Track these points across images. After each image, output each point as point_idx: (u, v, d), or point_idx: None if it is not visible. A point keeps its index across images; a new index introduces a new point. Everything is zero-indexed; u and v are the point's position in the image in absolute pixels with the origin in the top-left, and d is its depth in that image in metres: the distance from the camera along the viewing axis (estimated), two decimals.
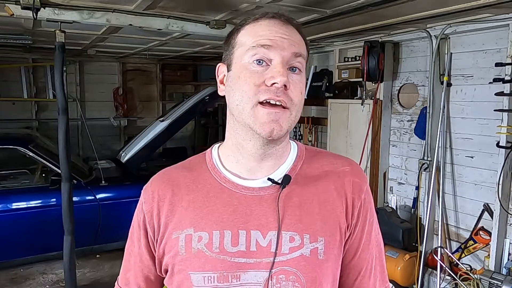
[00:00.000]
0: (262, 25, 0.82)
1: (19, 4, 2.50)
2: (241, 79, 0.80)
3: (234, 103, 0.81)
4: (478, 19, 2.89)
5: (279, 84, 0.77)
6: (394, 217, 3.56)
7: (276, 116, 0.78)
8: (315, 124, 4.68)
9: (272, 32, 0.80)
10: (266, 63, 0.79)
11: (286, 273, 0.81)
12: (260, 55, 0.79)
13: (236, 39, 0.84)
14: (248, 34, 0.82)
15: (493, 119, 2.94)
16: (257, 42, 0.79)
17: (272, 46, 0.78)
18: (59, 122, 2.95)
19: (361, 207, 0.87)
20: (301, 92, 0.81)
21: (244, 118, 0.80)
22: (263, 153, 0.84)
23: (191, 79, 7.16)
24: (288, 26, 0.83)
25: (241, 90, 0.79)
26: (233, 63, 0.83)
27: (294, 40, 0.81)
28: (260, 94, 0.78)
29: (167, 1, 2.69)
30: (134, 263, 0.93)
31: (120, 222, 3.87)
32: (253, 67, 0.79)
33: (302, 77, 0.82)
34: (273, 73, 0.77)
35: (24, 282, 3.79)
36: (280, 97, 0.77)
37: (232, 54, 0.84)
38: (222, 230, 0.82)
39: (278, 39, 0.79)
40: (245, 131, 0.83)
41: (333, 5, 2.69)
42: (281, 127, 0.79)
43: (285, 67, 0.79)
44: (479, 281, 2.81)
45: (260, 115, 0.78)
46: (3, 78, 5.73)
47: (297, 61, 0.80)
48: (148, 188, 0.91)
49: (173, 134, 5.28)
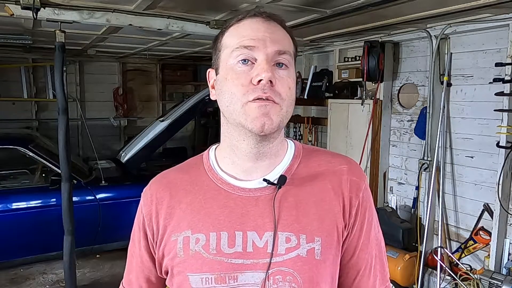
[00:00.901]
0: (245, 25, 0.82)
1: (19, 4, 2.50)
2: (228, 81, 0.80)
3: (224, 105, 0.82)
4: (478, 19, 2.89)
5: (264, 80, 0.77)
6: (394, 217, 3.56)
7: (266, 109, 0.78)
8: (315, 124, 4.67)
9: (254, 31, 0.80)
10: (251, 62, 0.79)
11: (282, 274, 0.81)
12: (245, 55, 0.79)
13: (221, 42, 0.85)
14: (232, 35, 0.83)
15: (493, 119, 2.94)
16: (240, 43, 0.80)
17: (255, 46, 0.79)
18: (59, 122, 2.96)
19: (359, 206, 0.87)
20: (290, 87, 0.81)
21: (235, 117, 0.80)
22: (257, 152, 0.84)
23: (191, 79, 7.16)
24: (271, 23, 0.83)
25: (229, 92, 0.80)
26: (220, 66, 0.84)
27: (277, 37, 0.81)
28: (249, 94, 0.78)
29: (167, 1, 2.70)
30: (135, 264, 0.94)
31: (120, 222, 3.88)
32: (238, 67, 0.80)
33: (290, 72, 0.82)
34: (257, 70, 0.78)
35: (24, 282, 3.79)
36: (267, 93, 0.78)
37: (219, 58, 0.84)
38: (219, 232, 0.83)
39: (260, 37, 0.80)
40: (237, 132, 0.83)
41: (333, 5, 2.69)
42: (272, 120, 0.79)
43: (270, 64, 0.79)
44: (479, 281, 2.81)
45: (251, 110, 0.78)
46: (3, 78, 5.74)
47: (282, 57, 0.81)
48: (147, 191, 0.92)
49: (173, 134, 5.28)
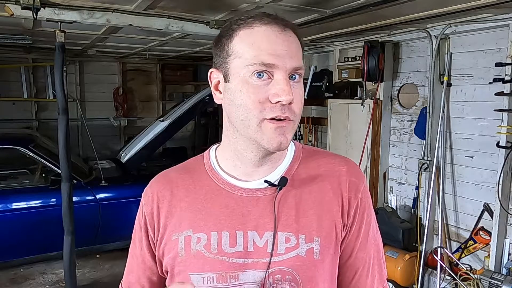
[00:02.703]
0: (260, 33, 0.77)
1: (19, 4, 2.50)
2: (243, 94, 0.77)
3: (238, 118, 0.79)
4: (478, 19, 2.89)
5: (285, 102, 0.76)
6: (394, 217, 3.56)
7: (282, 130, 0.78)
8: (315, 124, 4.67)
9: (272, 44, 0.76)
10: (267, 76, 0.76)
11: (282, 273, 0.82)
12: (262, 70, 0.76)
13: (230, 47, 0.79)
14: (245, 44, 0.78)
15: (493, 119, 2.94)
16: (258, 59, 0.76)
17: (274, 64, 0.76)
18: (59, 122, 2.96)
19: (358, 206, 0.87)
20: (301, 100, 0.81)
21: (250, 133, 0.79)
22: (262, 161, 0.85)
23: (191, 79, 7.16)
24: (287, 32, 0.79)
25: (245, 106, 0.77)
26: (230, 73, 0.80)
27: (294, 51, 0.78)
28: (266, 112, 0.76)
29: (167, 1, 2.70)
30: (136, 264, 0.94)
31: (120, 222, 3.89)
32: (254, 81, 0.76)
33: (301, 83, 0.82)
34: (277, 90, 0.76)
35: (24, 282, 3.79)
36: (285, 113, 0.77)
37: (228, 63, 0.80)
38: (220, 231, 0.83)
39: (279, 53, 0.76)
40: (247, 143, 0.82)
41: (333, 5, 2.69)
42: (287, 139, 0.80)
43: (289, 82, 0.77)
44: (479, 281, 2.81)
45: (268, 130, 0.78)
46: (3, 78, 5.74)
47: (297, 72, 0.79)
48: (148, 191, 0.93)
49: (173, 134, 5.28)
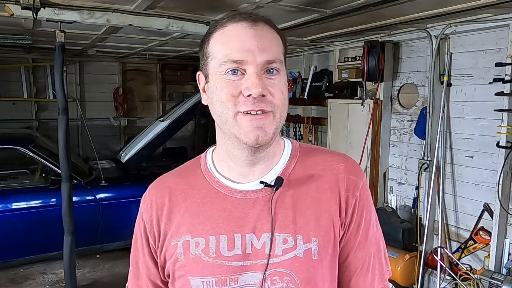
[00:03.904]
0: (231, 32, 0.80)
1: (19, 4, 2.50)
2: (218, 90, 0.80)
3: (216, 114, 0.82)
4: (478, 19, 2.89)
5: (255, 95, 0.77)
6: (394, 217, 3.56)
7: (259, 123, 0.78)
8: (315, 124, 4.67)
9: (242, 41, 0.78)
10: (241, 72, 0.78)
11: (280, 275, 0.81)
12: (234, 68, 0.78)
13: (208, 49, 0.83)
14: (218, 44, 0.80)
15: (493, 119, 2.94)
16: (228, 56, 0.78)
17: (244, 60, 0.77)
18: (59, 122, 2.96)
19: (356, 204, 0.86)
20: (282, 92, 0.81)
21: (228, 128, 0.81)
22: (253, 159, 0.85)
23: (191, 79, 7.15)
24: (257, 26, 0.80)
25: (220, 101, 0.80)
26: (209, 74, 0.83)
27: (266, 45, 0.79)
28: (239, 105, 0.78)
29: (167, 1, 2.70)
30: (142, 270, 0.94)
31: (120, 222, 3.89)
32: (228, 77, 0.79)
33: (281, 76, 0.81)
34: (247, 84, 0.77)
35: (24, 282, 3.79)
36: (258, 106, 0.77)
37: (207, 65, 0.83)
38: (218, 235, 0.83)
39: (248, 48, 0.77)
40: (231, 141, 0.83)
41: (333, 5, 2.69)
42: (266, 132, 0.79)
43: (260, 75, 0.78)
44: (479, 281, 2.81)
45: (243, 124, 0.78)
46: (3, 78, 5.73)
47: (272, 65, 0.79)
48: (147, 197, 0.92)
49: (173, 134, 5.28)
